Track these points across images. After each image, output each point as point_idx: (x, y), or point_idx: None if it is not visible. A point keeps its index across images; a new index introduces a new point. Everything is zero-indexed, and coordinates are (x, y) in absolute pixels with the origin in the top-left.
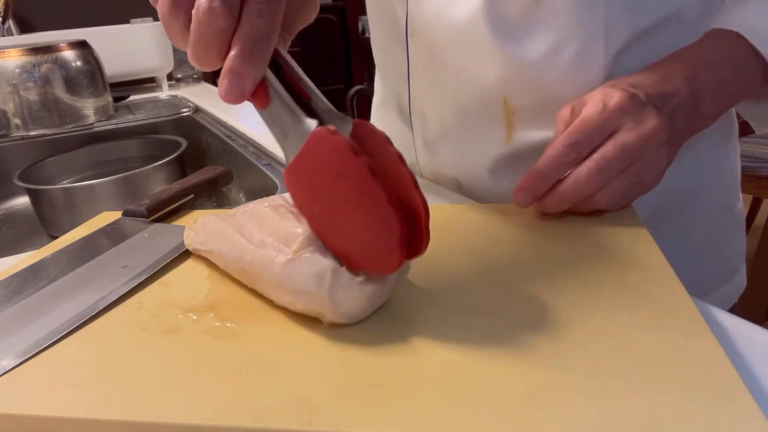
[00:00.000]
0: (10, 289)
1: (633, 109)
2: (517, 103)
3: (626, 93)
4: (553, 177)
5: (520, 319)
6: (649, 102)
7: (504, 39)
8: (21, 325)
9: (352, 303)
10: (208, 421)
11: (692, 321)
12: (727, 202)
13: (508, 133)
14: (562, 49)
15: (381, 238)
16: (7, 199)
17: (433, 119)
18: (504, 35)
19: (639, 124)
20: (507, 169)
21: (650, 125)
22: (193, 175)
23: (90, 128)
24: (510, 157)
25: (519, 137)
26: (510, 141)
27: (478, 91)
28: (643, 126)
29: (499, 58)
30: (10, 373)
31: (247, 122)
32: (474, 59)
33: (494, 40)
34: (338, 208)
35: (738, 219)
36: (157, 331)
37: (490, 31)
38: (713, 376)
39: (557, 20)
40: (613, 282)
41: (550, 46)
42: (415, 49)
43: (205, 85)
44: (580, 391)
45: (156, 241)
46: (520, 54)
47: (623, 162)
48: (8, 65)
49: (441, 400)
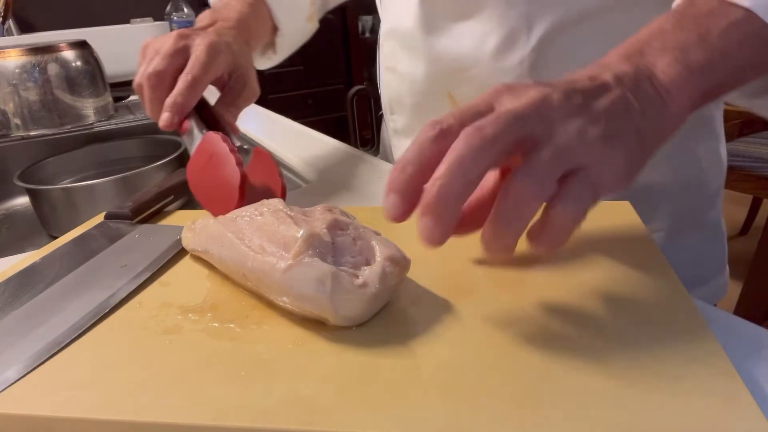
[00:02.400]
0: (8, 294)
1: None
2: (458, 96)
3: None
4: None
5: (519, 320)
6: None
7: (435, 37)
8: (26, 331)
9: (354, 306)
10: (208, 421)
11: (692, 321)
12: (698, 208)
13: None
14: (485, 41)
15: (229, 186)
16: (7, 199)
17: (400, 116)
18: (435, 34)
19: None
20: None
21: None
22: (171, 176)
23: (90, 128)
24: None
25: None
26: None
27: (426, 88)
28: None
29: (433, 55)
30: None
31: (247, 122)
32: (416, 60)
33: (428, 39)
34: (211, 178)
35: (712, 228)
36: (157, 331)
37: (424, 32)
38: (713, 376)
39: (480, 15)
40: (613, 282)
41: (475, 39)
42: (382, 57)
43: None
44: (580, 391)
45: (149, 241)
46: (447, 49)
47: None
48: (8, 65)
49: (441, 401)
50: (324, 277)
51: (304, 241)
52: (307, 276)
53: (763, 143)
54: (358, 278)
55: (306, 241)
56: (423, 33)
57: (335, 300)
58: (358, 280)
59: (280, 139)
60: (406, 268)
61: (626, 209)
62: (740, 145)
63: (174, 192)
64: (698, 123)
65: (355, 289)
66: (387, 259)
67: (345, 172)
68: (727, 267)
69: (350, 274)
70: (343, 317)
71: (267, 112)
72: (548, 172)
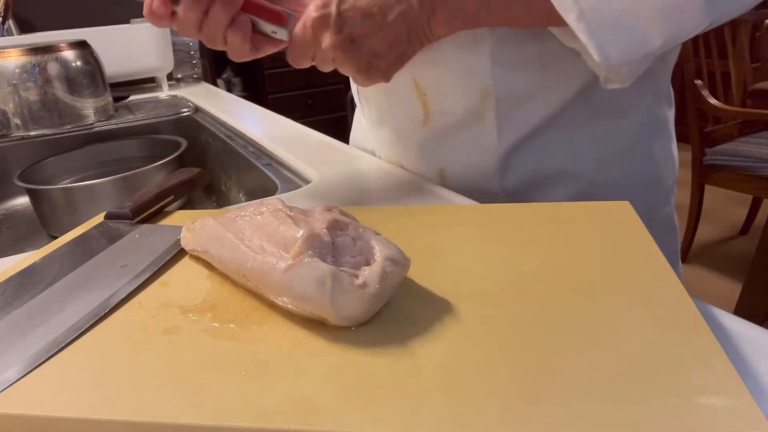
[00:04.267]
0: (8, 293)
1: None
2: (423, 84)
3: None
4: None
5: (520, 320)
6: None
7: None
8: (26, 331)
9: (354, 307)
10: (208, 421)
11: (692, 321)
12: (655, 204)
13: (425, 114)
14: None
15: None
16: (7, 199)
17: (372, 104)
18: None
19: None
20: (432, 147)
21: None
22: (171, 176)
23: (90, 128)
24: (432, 135)
25: (435, 117)
26: (428, 122)
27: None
28: None
29: None
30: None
31: (247, 122)
32: None
33: None
34: None
35: (666, 223)
36: (157, 331)
37: None
38: (713, 376)
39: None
40: (613, 282)
41: None
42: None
43: (206, 85)
44: (580, 391)
45: (149, 241)
46: None
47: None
48: (8, 65)
49: (441, 401)
50: (324, 278)
51: (304, 242)
52: (307, 276)
53: (763, 143)
54: (358, 278)
55: (306, 241)
56: None
57: (335, 300)
58: (358, 280)
59: (280, 139)
60: (406, 267)
61: (626, 209)
62: (740, 145)
63: (174, 192)
64: (654, 124)
65: (355, 290)
66: (387, 259)
67: (345, 172)
68: (680, 261)
69: (350, 275)
70: (343, 318)
71: (267, 112)
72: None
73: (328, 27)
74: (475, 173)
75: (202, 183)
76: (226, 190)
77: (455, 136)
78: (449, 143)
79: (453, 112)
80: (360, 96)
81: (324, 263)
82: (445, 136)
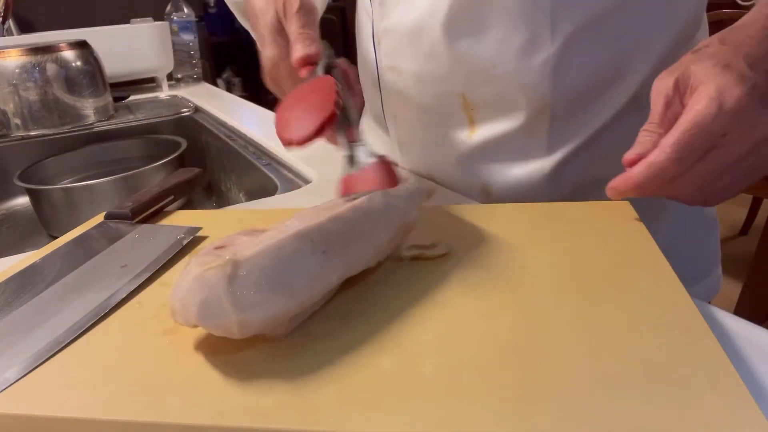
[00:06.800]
0: (8, 293)
1: (751, 113)
2: (474, 98)
3: (745, 90)
4: (652, 187)
5: (519, 320)
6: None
7: (453, 36)
8: (26, 331)
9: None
10: (208, 421)
11: (692, 321)
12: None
13: (471, 129)
14: (508, 42)
15: (314, 114)
16: (7, 199)
17: (402, 122)
18: (453, 33)
19: (753, 129)
20: (475, 163)
21: (763, 130)
22: (170, 176)
23: (90, 128)
24: (476, 151)
25: (482, 132)
26: (473, 136)
27: (436, 91)
28: (756, 131)
29: (451, 56)
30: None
31: (247, 122)
32: (429, 60)
33: (445, 39)
34: (301, 102)
35: (710, 221)
36: (157, 331)
37: (441, 30)
38: (713, 376)
39: (502, 14)
40: (613, 282)
41: (498, 40)
42: (381, 55)
43: (206, 85)
44: (580, 391)
45: (149, 241)
46: (469, 49)
47: (721, 173)
48: (8, 65)
49: (441, 400)
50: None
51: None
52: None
53: None
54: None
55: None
56: (444, 32)
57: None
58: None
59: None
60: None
61: (626, 209)
62: None
63: (174, 192)
64: None
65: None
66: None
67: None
68: (720, 260)
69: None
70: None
71: (267, 112)
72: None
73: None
74: (523, 186)
75: (201, 183)
76: (226, 190)
77: (502, 151)
78: (495, 158)
79: (502, 125)
80: (386, 115)
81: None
82: (491, 150)
